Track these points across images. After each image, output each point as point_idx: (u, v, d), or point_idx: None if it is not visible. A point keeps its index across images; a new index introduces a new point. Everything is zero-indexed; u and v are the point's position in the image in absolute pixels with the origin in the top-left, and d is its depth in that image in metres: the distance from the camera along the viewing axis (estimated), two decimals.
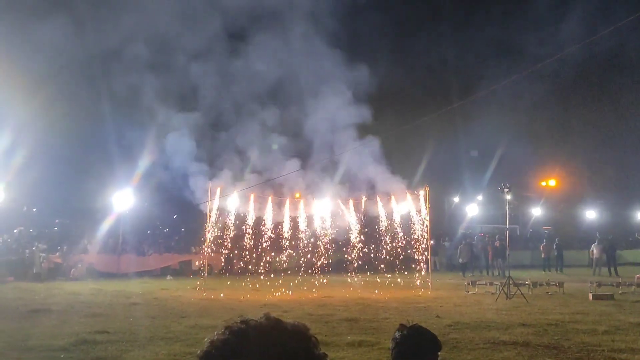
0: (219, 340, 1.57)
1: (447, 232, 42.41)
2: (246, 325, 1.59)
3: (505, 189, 20.32)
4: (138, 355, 9.56)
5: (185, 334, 11.58)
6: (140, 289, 21.66)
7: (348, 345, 10.39)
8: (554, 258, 34.00)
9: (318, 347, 1.63)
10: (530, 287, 20.25)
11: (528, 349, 10.17)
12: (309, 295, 20.26)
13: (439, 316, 14.28)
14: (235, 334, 1.57)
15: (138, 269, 29.11)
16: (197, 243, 31.52)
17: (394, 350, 3.16)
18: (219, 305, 16.84)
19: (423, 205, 23.51)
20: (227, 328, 1.59)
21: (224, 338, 1.57)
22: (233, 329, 1.59)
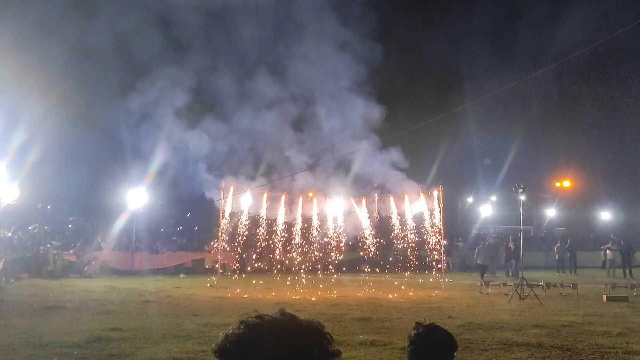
0: (234, 334, 1.58)
1: (461, 232, 42.23)
2: (261, 320, 1.60)
3: (519, 189, 20.22)
4: (151, 353, 9.62)
5: (198, 332, 11.63)
6: (153, 287, 21.77)
7: (360, 344, 10.39)
8: (567, 259, 33.75)
9: (332, 344, 1.63)
10: (544, 288, 20.13)
11: (541, 350, 10.12)
12: (321, 295, 20.26)
13: (451, 316, 14.24)
14: (251, 329, 1.58)
15: (151, 267, 29.25)
16: (210, 241, 31.64)
17: (409, 348, 3.15)
18: (232, 304, 16.89)
19: (436, 205, 23.44)
20: (242, 322, 1.60)
21: (239, 332, 1.58)
22: (248, 323, 1.59)
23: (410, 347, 3.14)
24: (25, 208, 29.35)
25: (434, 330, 3.17)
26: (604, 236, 39.92)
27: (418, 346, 3.11)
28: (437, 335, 3.15)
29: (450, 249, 34.77)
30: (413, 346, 3.13)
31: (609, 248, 32.42)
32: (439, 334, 3.15)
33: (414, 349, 3.12)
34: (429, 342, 3.09)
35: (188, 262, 31.82)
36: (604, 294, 18.77)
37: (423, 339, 3.11)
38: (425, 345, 3.09)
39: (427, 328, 3.17)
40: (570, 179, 49.74)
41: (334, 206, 25.26)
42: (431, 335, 3.14)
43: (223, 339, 1.60)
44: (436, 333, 3.15)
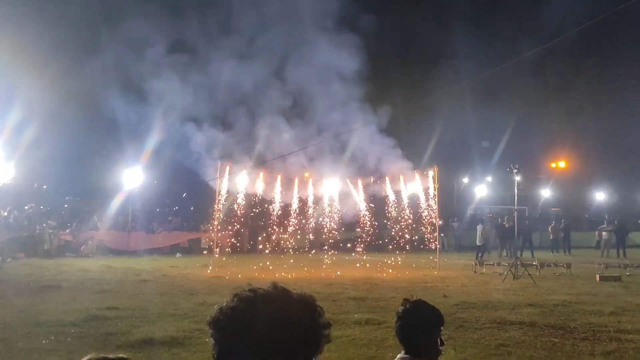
0: (228, 307, 1.61)
1: (456, 212, 42.38)
2: (254, 293, 1.63)
3: (514, 170, 20.28)
4: (147, 331, 9.68)
5: (194, 311, 11.70)
6: (149, 266, 21.84)
7: (355, 323, 10.47)
8: (561, 239, 33.94)
9: (323, 316, 1.66)
10: (538, 268, 20.28)
11: (534, 329, 10.22)
12: (317, 274, 20.37)
13: (445, 296, 14.34)
14: (244, 301, 1.61)
15: (147, 247, 29.31)
16: (206, 221, 31.68)
17: (397, 324, 3.19)
18: (227, 283, 16.98)
19: (432, 185, 23.47)
20: (236, 296, 1.63)
21: (232, 305, 1.61)
22: (241, 296, 1.62)
23: (398, 323, 3.18)
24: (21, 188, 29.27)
25: (420, 306, 3.21)
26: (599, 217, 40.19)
27: (405, 322, 3.15)
28: (423, 310, 3.18)
29: (446, 229, 34.91)
30: (400, 322, 3.17)
31: (604, 229, 32.62)
32: (426, 310, 3.19)
33: (401, 324, 3.16)
34: (416, 318, 3.13)
35: (184, 242, 31.90)
36: (597, 274, 18.92)
37: (410, 315, 3.15)
38: (412, 320, 3.13)
39: (414, 304, 3.21)
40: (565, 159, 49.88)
41: (330, 187, 25.28)
42: (418, 311, 3.17)
43: (217, 311, 1.64)
44: (423, 309, 3.19)
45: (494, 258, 26.66)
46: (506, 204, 44.49)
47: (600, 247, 32.76)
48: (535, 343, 9.23)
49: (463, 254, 31.34)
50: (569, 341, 9.41)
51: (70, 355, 8.01)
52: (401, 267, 23.10)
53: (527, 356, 8.44)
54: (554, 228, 34.01)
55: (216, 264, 21.78)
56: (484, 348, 8.85)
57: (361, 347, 8.90)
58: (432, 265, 22.81)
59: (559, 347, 9.04)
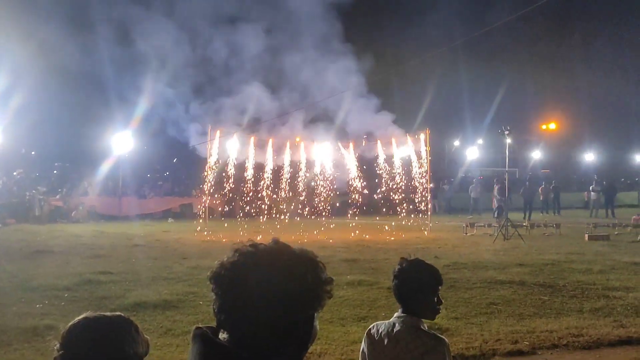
0: (229, 262, 1.60)
1: (447, 175, 42.53)
2: (255, 248, 1.62)
3: (505, 132, 20.26)
4: (141, 294, 9.73)
5: (187, 274, 11.75)
6: (141, 231, 21.87)
7: (348, 284, 10.57)
8: (551, 200, 34.19)
9: (325, 271, 1.66)
10: (528, 229, 20.48)
11: (524, 288, 10.36)
12: (310, 237, 20.46)
13: (437, 257, 14.45)
14: (245, 256, 1.60)
15: (139, 212, 29.29)
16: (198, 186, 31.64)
17: (394, 283, 3.19)
18: (220, 247, 17.01)
19: (423, 148, 23.48)
20: (237, 250, 1.62)
21: (233, 260, 1.60)
22: (242, 251, 1.61)
23: (395, 282, 3.18)
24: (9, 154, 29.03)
25: (418, 264, 3.20)
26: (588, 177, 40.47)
27: (402, 281, 3.14)
28: (421, 269, 3.17)
29: (437, 191, 35.07)
30: (397, 281, 3.16)
31: (594, 189, 32.86)
32: (423, 268, 3.18)
33: (398, 283, 3.16)
34: (413, 277, 3.12)
35: (176, 207, 31.90)
36: (586, 233, 19.13)
37: (407, 273, 3.14)
38: (409, 279, 3.12)
39: (411, 263, 3.20)
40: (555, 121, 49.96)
41: (322, 151, 25.22)
42: (415, 269, 3.16)
43: (218, 266, 1.62)
44: (420, 267, 3.18)
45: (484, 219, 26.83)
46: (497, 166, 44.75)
47: (589, 207, 33.07)
48: (525, 301, 9.37)
49: (454, 216, 31.54)
50: (558, 299, 9.56)
51: (65, 319, 8.02)
52: (393, 229, 23.24)
53: (516, 314, 8.57)
54: (544, 189, 34.21)
55: (209, 229, 21.82)
56: (474, 307, 8.97)
57: (354, 307, 9.01)
58: (424, 227, 22.96)
59: (548, 304, 9.19)
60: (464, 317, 8.36)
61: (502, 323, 8.04)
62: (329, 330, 7.55)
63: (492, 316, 8.45)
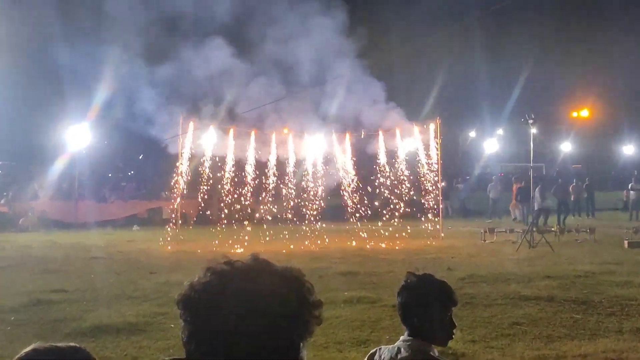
0: (201, 282, 1.59)
1: (461, 172, 42.61)
2: (231, 266, 1.61)
3: (529, 120, 20.30)
4: (101, 316, 9.69)
5: (156, 292, 11.73)
6: (102, 241, 21.79)
7: (345, 302, 10.56)
8: (584, 201, 34.26)
9: (313, 293, 1.65)
10: (557, 234, 20.52)
11: (552, 304, 10.38)
12: (299, 246, 20.45)
13: (450, 268, 14.48)
14: (219, 276, 1.59)
15: (99, 218, 29.13)
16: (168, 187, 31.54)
17: (398, 300, 3.18)
18: (195, 259, 16.94)
19: (433, 140, 23.48)
20: (210, 269, 1.61)
21: (205, 280, 1.59)
22: (216, 270, 1.60)
23: (399, 300, 3.17)
24: None
25: (427, 279, 3.19)
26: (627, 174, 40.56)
27: (408, 299, 3.13)
28: (430, 285, 3.17)
29: (449, 191, 35.11)
30: (402, 298, 3.15)
31: (634, 188, 32.95)
32: (434, 284, 3.18)
33: (403, 301, 3.15)
34: (421, 294, 3.11)
35: (142, 212, 31.81)
36: (625, 240, 19.18)
37: (414, 290, 3.13)
38: (416, 297, 3.11)
39: (419, 278, 3.19)
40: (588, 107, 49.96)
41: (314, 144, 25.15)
42: (423, 285, 3.15)
43: (188, 288, 1.62)
44: (430, 283, 3.18)
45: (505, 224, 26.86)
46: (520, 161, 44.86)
47: (629, 208, 33.16)
48: (554, 320, 9.38)
49: (469, 220, 31.59)
50: (593, 317, 9.57)
51: (11, 347, 8.00)
52: (397, 236, 23.25)
53: (544, 335, 8.58)
54: (576, 188, 34.28)
55: (180, 237, 21.77)
56: (495, 327, 8.98)
57: (353, 329, 9.00)
58: (434, 233, 22.98)
59: (582, 324, 9.20)
60: (482, 339, 8.37)
61: (527, 346, 8.05)
62: (324, 357, 7.55)
63: (515, 338, 8.46)
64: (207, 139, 23.13)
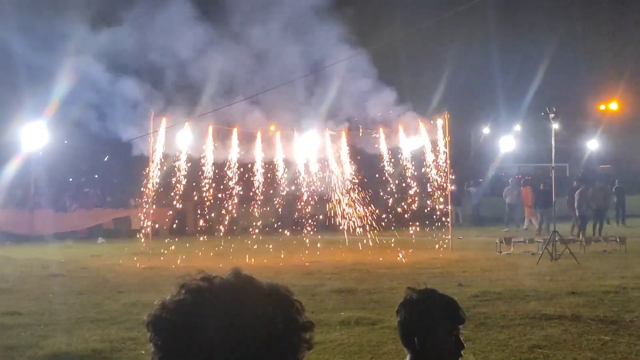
0: (173, 301, 1.59)
1: (474, 174, 42.64)
2: (209, 283, 1.60)
3: (550, 114, 20.34)
4: (61, 343, 9.66)
5: (124, 314, 11.71)
6: (61, 256, 21.75)
7: (342, 324, 10.54)
8: (613, 206, 34.35)
9: (303, 313, 1.64)
10: (583, 245, 20.57)
11: (578, 324, 10.39)
12: (289, 260, 20.43)
13: (461, 284, 14.50)
14: (194, 294, 1.58)
15: (58, 230, 29.08)
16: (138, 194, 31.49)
17: (399, 320, 3.18)
18: (169, 276, 16.92)
19: (441, 138, 23.51)
20: (184, 286, 1.60)
21: (179, 299, 1.58)
22: (191, 287, 1.59)
23: (399, 319, 3.16)
24: None
25: (431, 295, 3.19)
26: None
27: (409, 316, 3.12)
28: (433, 301, 3.17)
29: (460, 196, 35.16)
30: (401, 317, 3.14)
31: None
32: (438, 300, 3.17)
33: (402, 320, 3.14)
34: (424, 311, 3.11)
35: (108, 222, 31.77)
36: None
37: (416, 307, 3.12)
38: (418, 314, 3.10)
39: (420, 293, 3.19)
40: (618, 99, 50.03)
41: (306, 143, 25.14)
42: (427, 301, 3.15)
43: (159, 307, 1.61)
44: (433, 299, 3.18)
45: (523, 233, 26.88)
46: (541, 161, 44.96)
47: None
48: (580, 342, 9.39)
49: (483, 229, 31.64)
50: (624, 339, 9.59)
51: None
52: (401, 247, 23.25)
53: (569, 359, 8.59)
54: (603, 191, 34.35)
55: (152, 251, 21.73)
56: (512, 351, 8.99)
57: (350, 354, 8.99)
58: (443, 244, 23.00)
59: (611, 346, 9.21)
60: None
61: None
62: None
63: None
64: (182, 138, 23.08)
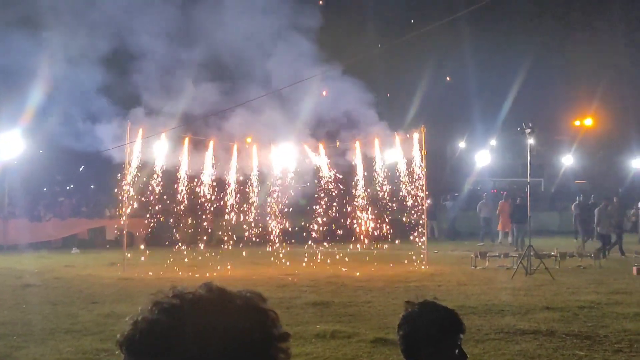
0: (145, 320, 1.56)
1: (449, 188, 42.79)
2: (181, 299, 1.58)
3: (526, 129, 20.46)
4: (35, 353, 9.59)
5: (98, 325, 11.63)
6: (35, 266, 21.56)
7: (317, 337, 10.53)
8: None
9: (278, 324, 1.63)
10: (558, 260, 20.68)
11: (553, 339, 10.45)
12: (264, 272, 20.38)
13: (436, 298, 14.45)
14: (167, 313, 1.56)
15: (32, 240, 28.88)
16: (113, 204, 31.31)
17: (399, 331, 3.21)
18: (144, 287, 16.87)
19: (417, 152, 23.57)
20: (156, 304, 1.58)
21: (151, 318, 1.56)
22: (163, 305, 1.57)
23: (401, 332, 3.19)
24: None
25: (431, 307, 3.23)
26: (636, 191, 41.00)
27: (414, 330, 3.15)
28: (436, 313, 3.21)
29: (436, 210, 35.25)
30: (403, 331, 3.17)
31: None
32: (439, 312, 3.21)
33: (405, 334, 3.17)
34: (426, 323, 3.14)
35: (83, 232, 31.57)
36: (634, 266, 19.39)
37: (418, 320, 3.16)
38: (421, 327, 3.13)
39: (422, 305, 3.23)
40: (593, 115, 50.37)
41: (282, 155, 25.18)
42: (428, 313, 3.19)
43: (131, 327, 1.58)
44: (435, 311, 3.22)
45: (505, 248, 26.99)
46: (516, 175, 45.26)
47: (638, 230, 33.45)
48: (555, 357, 9.45)
49: (458, 243, 31.74)
50: (598, 354, 9.65)
51: None
52: (377, 260, 23.28)
53: None
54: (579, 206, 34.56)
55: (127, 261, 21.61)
56: None
57: None
58: (418, 257, 23.03)
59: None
60: None
61: None
62: None
63: None
64: (159, 148, 23.02)
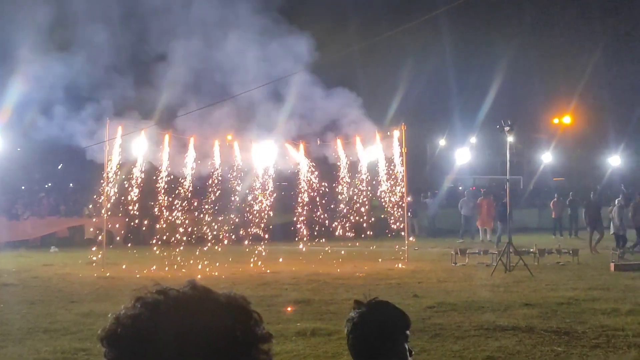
0: (128, 315, 1.56)
1: (430, 185, 42.87)
2: (164, 296, 1.58)
3: (505, 127, 20.54)
4: (12, 353, 9.53)
5: (77, 324, 11.58)
6: (13, 265, 21.46)
7: (298, 334, 10.55)
8: (567, 218, 34.74)
9: (261, 325, 1.63)
10: (536, 257, 20.79)
11: (532, 336, 10.51)
12: (245, 270, 20.35)
13: (417, 295, 14.57)
14: (150, 308, 1.56)
15: (9, 238, 28.71)
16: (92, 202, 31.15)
17: (349, 335, 3.13)
18: (123, 286, 16.78)
19: (397, 149, 23.59)
20: (139, 300, 1.58)
21: (134, 313, 1.56)
22: (146, 301, 1.57)
23: (351, 333, 3.11)
24: None
25: (379, 307, 3.17)
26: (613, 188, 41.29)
27: (360, 330, 3.07)
28: (384, 313, 3.14)
29: (416, 207, 35.30)
30: (353, 331, 3.09)
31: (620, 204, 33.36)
32: (387, 311, 3.16)
33: (355, 334, 3.09)
34: (374, 324, 3.07)
35: (61, 230, 31.38)
36: (612, 262, 19.54)
37: (365, 320, 3.08)
38: (369, 327, 3.06)
39: (370, 306, 3.15)
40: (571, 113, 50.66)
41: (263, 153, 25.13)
42: (376, 313, 3.12)
43: (113, 322, 1.58)
44: (383, 310, 3.15)
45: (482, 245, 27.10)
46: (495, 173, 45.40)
47: None
48: (534, 353, 9.50)
49: (439, 240, 31.81)
50: (576, 349, 9.72)
51: None
52: (357, 258, 23.30)
53: None
54: (557, 204, 34.80)
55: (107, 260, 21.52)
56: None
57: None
58: (399, 255, 23.08)
59: (564, 358, 9.34)
60: None
61: None
62: None
63: None
64: (139, 146, 22.90)
